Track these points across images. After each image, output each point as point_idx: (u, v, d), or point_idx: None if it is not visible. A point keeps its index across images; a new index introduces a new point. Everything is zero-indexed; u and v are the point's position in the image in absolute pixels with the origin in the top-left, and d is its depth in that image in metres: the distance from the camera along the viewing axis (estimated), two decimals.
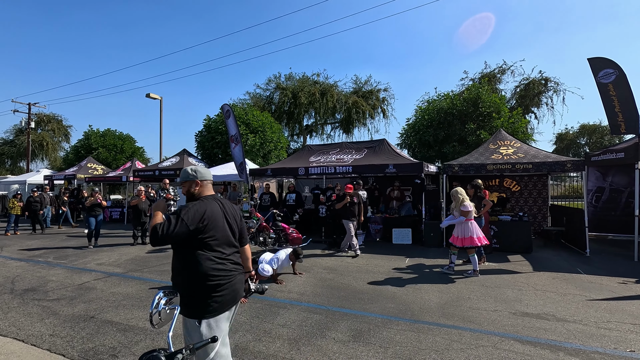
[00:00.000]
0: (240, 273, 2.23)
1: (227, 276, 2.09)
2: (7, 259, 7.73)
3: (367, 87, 26.15)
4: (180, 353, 1.63)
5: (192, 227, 1.96)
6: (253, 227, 7.91)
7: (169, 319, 1.89)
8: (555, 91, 21.02)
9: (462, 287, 5.55)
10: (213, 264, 2.05)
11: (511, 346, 3.48)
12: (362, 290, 5.39)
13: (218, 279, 2.05)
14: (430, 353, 3.33)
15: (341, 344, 3.54)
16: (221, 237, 2.11)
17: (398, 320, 4.18)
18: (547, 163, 8.27)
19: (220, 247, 2.10)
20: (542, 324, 4.05)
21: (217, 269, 2.06)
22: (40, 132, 37.62)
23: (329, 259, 7.69)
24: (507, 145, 9.66)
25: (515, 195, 11.28)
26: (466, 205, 6.24)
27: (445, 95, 14.58)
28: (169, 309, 1.89)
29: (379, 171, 10.09)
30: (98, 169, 17.76)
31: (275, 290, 5.40)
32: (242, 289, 2.23)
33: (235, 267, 2.18)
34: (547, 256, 7.89)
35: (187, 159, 14.76)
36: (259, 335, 3.75)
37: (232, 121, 11.77)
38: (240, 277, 2.22)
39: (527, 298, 4.98)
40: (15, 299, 4.98)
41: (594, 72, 7.93)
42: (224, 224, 2.16)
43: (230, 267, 2.13)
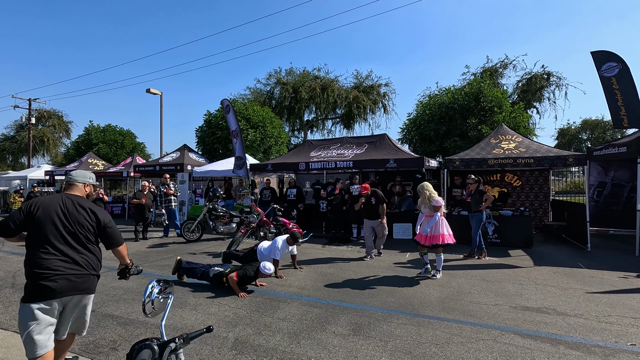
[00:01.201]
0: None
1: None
2: (9, 254, 7.75)
3: (368, 82, 26.01)
4: (173, 342, 1.62)
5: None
6: (254, 222, 7.90)
7: (162, 308, 1.88)
8: (557, 86, 20.88)
9: (463, 281, 5.54)
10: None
11: (511, 340, 3.47)
12: (363, 285, 5.39)
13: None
14: (431, 347, 3.33)
15: (341, 337, 3.54)
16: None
17: (398, 314, 4.18)
18: (549, 157, 8.23)
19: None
20: (542, 317, 4.05)
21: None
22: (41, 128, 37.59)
23: (330, 254, 7.69)
24: (509, 139, 9.61)
25: (516, 190, 11.25)
26: (436, 199, 5.75)
27: (446, 90, 14.49)
28: (162, 298, 1.89)
29: (380, 166, 10.05)
30: (99, 165, 17.75)
31: (275, 284, 5.41)
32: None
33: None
34: (548, 251, 7.87)
35: (187, 154, 14.73)
36: (259, 328, 3.76)
37: (232, 116, 11.72)
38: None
39: (527, 292, 4.97)
40: (16, 293, 4.99)
41: (597, 65, 7.85)
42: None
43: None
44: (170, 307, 1.90)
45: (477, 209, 7.16)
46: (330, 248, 8.39)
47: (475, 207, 7.20)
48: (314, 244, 8.78)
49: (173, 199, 10.07)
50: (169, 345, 1.61)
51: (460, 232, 8.56)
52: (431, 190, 5.87)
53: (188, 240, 9.23)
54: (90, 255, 2.57)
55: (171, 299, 1.93)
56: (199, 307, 4.43)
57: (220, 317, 4.07)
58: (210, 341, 3.46)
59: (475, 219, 7.21)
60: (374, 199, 7.12)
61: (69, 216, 2.51)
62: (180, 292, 5.02)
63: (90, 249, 2.57)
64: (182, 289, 5.15)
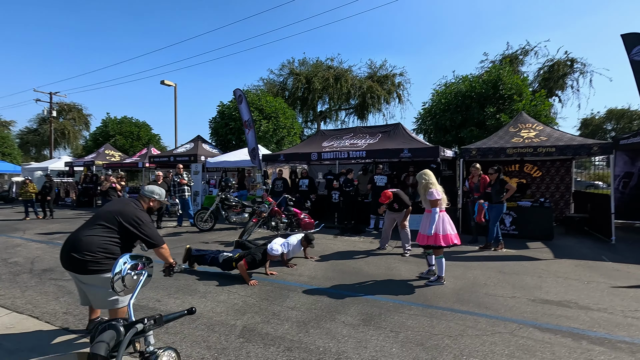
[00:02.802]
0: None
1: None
2: (29, 241, 7.98)
3: (383, 72, 25.55)
4: (141, 323, 1.54)
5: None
6: (265, 212, 7.86)
7: (133, 285, 1.79)
8: (581, 73, 19.95)
9: (478, 273, 5.36)
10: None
11: (530, 333, 3.31)
12: (374, 275, 5.28)
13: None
14: (444, 338, 3.20)
15: (351, 327, 3.45)
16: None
17: (410, 305, 4.06)
18: (572, 146, 7.85)
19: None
20: (563, 311, 3.85)
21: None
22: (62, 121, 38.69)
23: (342, 244, 7.60)
24: (529, 128, 9.22)
25: (536, 181, 10.85)
26: (432, 192, 4.81)
27: (463, 78, 14.01)
28: (135, 274, 1.80)
29: (394, 156, 9.83)
30: (115, 156, 18.10)
31: (285, 273, 5.36)
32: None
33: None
34: (570, 244, 7.57)
35: (201, 145, 14.82)
36: (267, 317, 3.71)
37: (244, 106, 11.67)
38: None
39: (547, 285, 4.76)
40: (33, 278, 5.10)
41: (628, 48, 7.39)
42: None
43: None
44: (142, 285, 1.80)
45: (499, 200, 6.85)
46: (342, 239, 8.29)
47: (496, 197, 6.90)
48: (326, 235, 8.70)
49: (186, 188, 10.15)
50: (134, 327, 1.51)
51: (464, 225, 8.40)
52: (431, 179, 4.95)
53: (201, 229, 9.30)
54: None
55: (144, 276, 1.82)
56: (209, 294, 4.41)
57: (229, 305, 4.05)
58: (218, 328, 3.43)
59: (495, 210, 6.93)
60: (396, 205, 6.52)
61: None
62: (191, 280, 5.03)
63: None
64: (192, 277, 5.16)
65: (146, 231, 3.06)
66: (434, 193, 4.81)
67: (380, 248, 7.06)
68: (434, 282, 4.84)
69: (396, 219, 6.80)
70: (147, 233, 3.07)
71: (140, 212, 3.14)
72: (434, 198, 4.80)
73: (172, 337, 3.24)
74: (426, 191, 4.89)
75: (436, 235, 4.70)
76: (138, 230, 3.02)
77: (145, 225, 3.08)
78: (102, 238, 2.88)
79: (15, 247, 7.34)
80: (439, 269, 4.84)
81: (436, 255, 4.86)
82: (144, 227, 3.06)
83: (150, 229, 3.12)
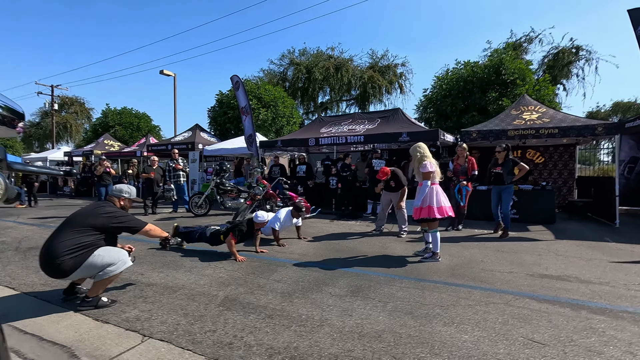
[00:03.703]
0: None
1: None
2: (21, 224, 7.89)
3: (384, 62, 25.19)
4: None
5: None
6: (259, 194, 7.71)
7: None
8: (587, 60, 19.54)
9: (476, 251, 5.18)
10: None
11: (526, 304, 3.13)
12: (368, 253, 5.12)
13: None
14: (434, 308, 3.03)
15: (337, 297, 3.29)
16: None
17: (402, 278, 3.89)
18: (575, 127, 7.61)
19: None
20: (562, 284, 3.67)
21: None
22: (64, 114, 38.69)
23: (338, 228, 7.43)
24: (531, 110, 8.98)
25: (538, 168, 10.61)
26: (425, 164, 4.68)
27: (465, 63, 13.70)
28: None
29: (392, 140, 9.62)
30: (115, 146, 18.01)
31: (276, 251, 5.20)
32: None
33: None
34: (572, 227, 7.35)
35: (199, 134, 14.68)
36: (251, 288, 3.55)
37: (241, 92, 11.50)
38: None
39: (546, 262, 4.57)
40: (17, 254, 4.98)
41: (634, 24, 7.13)
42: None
43: None
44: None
45: (511, 181, 6.38)
46: (338, 223, 8.12)
47: (508, 178, 6.38)
48: (322, 219, 8.54)
49: (182, 174, 10.01)
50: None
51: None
52: (425, 152, 4.79)
53: (196, 214, 9.17)
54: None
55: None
56: (194, 269, 4.27)
57: (214, 278, 3.90)
58: (199, 298, 3.28)
59: (508, 192, 6.43)
60: (393, 182, 6.44)
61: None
62: (178, 257, 4.89)
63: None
64: (179, 254, 5.03)
65: (122, 220, 3.13)
66: (427, 165, 4.68)
67: (376, 230, 6.88)
68: (428, 258, 4.67)
69: (392, 200, 6.63)
70: (124, 221, 3.15)
71: (109, 206, 3.18)
72: (426, 170, 4.66)
73: (149, 306, 3.10)
74: (420, 164, 4.74)
75: (430, 207, 4.53)
76: (113, 222, 3.08)
77: (119, 215, 3.14)
78: (71, 240, 2.88)
79: (6, 229, 7.24)
80: (434, 245, 4.67)
81: (430, 228, 4.69)
82: (118, 217, 3.12)
83: (126, 217, 3.19)
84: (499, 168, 6.50)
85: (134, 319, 2.83)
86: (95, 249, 2.95)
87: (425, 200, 4.60)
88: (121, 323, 2.76)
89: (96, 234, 3.00)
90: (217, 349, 2.36)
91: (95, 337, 2.54)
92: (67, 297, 3.23)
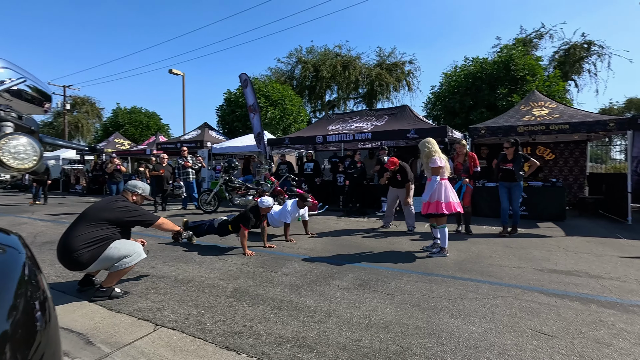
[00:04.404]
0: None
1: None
2: (35, 220, 8.07)
3: (392, 60, 25.05)
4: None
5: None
6: (267, 191, 7.77)
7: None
8: (599, 55, 19.14)
9: (484, 247, 5.16)
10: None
11: (535, 297, 3.12)
12: (375, 248, 5.13)
13: None
14: (442, 301, 3.05)
15: (345, 290, 3.32)
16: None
17: (410, 272, 3.90)
18: (587, 123, 7.50)
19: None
20: (572, 279, 3.64)
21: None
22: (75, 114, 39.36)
23: (345, 224, 7.46)
24: (541, 106, 8.87)
25: (548, 165, 10.48)
26: (435, 159, 4.66)
27: (473, 60, 13.57)
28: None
29: (400, 137, 9.59)
30: (125, 144, 18.28)
31: (284, 246, 5.25)
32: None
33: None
34: (582, 224, 7.26)
35: (207, 132, 14.81)
36: (260, 281, 3.61)
37: (249, 90, 11.58)
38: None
39: (556, 258, 4.54)
40: (33, 249, 5.07)
41: None
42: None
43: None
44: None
45: (522, 177, 6.13)
46: (346, 219, 8.15)
47: (519, 175, 6.07)
48: (330, 216, 8.57)
49: (191, 171, 10.13)
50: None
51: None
52: (433, 147, 4.76)
53: (205, 211, 9.27)
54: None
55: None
56: (204, 263, 4.34)
57: (223, 271, 3.96)
58: (209, 290, 3.34)
59: (519, 189, 6.16)
60: (399, 176, 6.45)
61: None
62: (188, 251, 4.97)
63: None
64: (189, 249, 5.11)
65: (135, 214, 3.23)
66: (437, 160, 4.64)
67: (384, 226, 6.89)
68: (436, 253, 4.66)
69: (399, 196, 6.64)
70: (137, 215, 3.24)
71: (123, 201, 3.28)
72: (436, 165, 4.63)
73: (161, 297, 3.17)
74: (429, 159, 4.72)
75: (438, 202, 4.52)
76: (127, 216, 3.18)
77: (132, 209, 3.24)
78: (88, 234, 2.97)
79: (21, 224, 7.43)
80: (442, 240, 4.66)
81: (438, 224, 4.68)
82: (132, 211, 3.22)
83: (139, 211, 3.29)
84: (510, 165, 6.18)
85: (146, 309, 2.90)
86: (111, 241, 3.04)
87: (434, 196, 4.58)
88: (134, 313, 2.84)
89: (111, 227, 3.09)
90: (227, 337, 2.41)
91: (109, 326, 2.62)
92: (82, 288, 3.32)
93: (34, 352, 0.72)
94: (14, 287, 0.81)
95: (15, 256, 0.95)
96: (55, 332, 0.87)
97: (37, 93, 1.22)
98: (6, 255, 0.94)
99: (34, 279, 0.91)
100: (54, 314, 0.89)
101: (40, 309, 0.84)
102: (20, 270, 0.89)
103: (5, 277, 0.82)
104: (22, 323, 0.74)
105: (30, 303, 0.82)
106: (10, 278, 0.84)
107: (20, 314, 0.76)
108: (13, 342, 0.69)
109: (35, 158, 0.99)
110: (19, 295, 0.80)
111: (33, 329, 0.77)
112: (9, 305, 0.75)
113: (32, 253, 1.04)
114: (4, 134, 0.96)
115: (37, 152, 1.00)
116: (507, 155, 6.30)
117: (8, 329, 0.70)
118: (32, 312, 0.80)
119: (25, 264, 0.93)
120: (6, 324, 0.70)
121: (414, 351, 2.22)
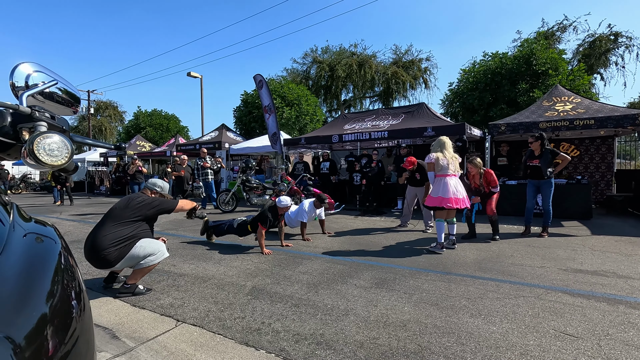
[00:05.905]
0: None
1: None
2: (63, 220, 8.42)
3: (408, 57, 24.78)
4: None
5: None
6: (284, 190, 7.83)
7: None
8: (627, 47, 18.31)
9: (505, 246, 5.04)
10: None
11: (558, 297, 3.03)
12: (392, 247, 5.10)
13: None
14: (461, 300, 3.00)
15: (362, 289, 3.32)
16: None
17: (428, 272, 3.86)
18: (614, 117, 7.21)
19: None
20: (598, 279, 3.51)
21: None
22: (99, 118, 40.81)
23: (362, 223, 7.43)
24: (565, 101, 8.58)
25: (573, 161, 10.11)
26: (430, 156, 4.85)
27: (493, 55, 13.24)
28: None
29: (417, 135, 9.47)
30: (146, 146, 18.81)
31: (301, 245, 5.29)
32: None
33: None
34: (610, 222, 6.98)
35: (225, 133, 15.07)
36: (278, 279, 3.65)
37: (265, 91, 11.70)
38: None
39: (581, 257, 4.38)
40: None
41: None
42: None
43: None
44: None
45: (552, 173, 5.68)
46: (362, 218, 8.12)
47: (547, 172, 5.63)
48: (346, 215, 8.56)
49: (210, 172, 10.31)
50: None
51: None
52: (437, 145, 4.90)
53: (223, 211, 9.43)
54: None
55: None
56: (223, 261, 4.42)
57: (242, 270, 4.03)
58: (228, 288, 3.41)
59: (549, 186, 5.72)
60: (418, 175, 6.35)
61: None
62: (208, 250, 5.08)
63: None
64: (209, 247, 5.22)
65: (156, 204, 3.34)
66: (431, 157, 4.88)
67: (402, 225, 6.82)
68: (433, 248, 4.73)
69: (418, 195, 6.57)
70: (158, 204, 3.35)
71: (141, 197, 3.37)
72: (429, 161, 4.90)
73: (182, 294, 3.26)
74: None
75: (440, 197, 4.70)
76: (149, 209, 3.28)
77: (152, 201, 3.34)
78: (115, 233, 3.08)
79: None
80: (438, 235, 4.75)
81: (436, 217, 4.86)
82: (152, 203, 3.33)
83: (159, 200, 3.39)
84: (536, 161, 5.74)
85: (168, 306, 2.98)
86: (137, 240, 3.15)
87: (436, 191, 4.79)
88: (156, 309, 2.93)
89: (137, 223, 3.20)
90: (246, 334, 2.46)
91: (133, 321, 2.71)
92: (107, 285, 3.45)
93: (69, 336, 0.77)
94: (50, 274, 0.87)
95: (52, 245, 1.02)
96: (89, 321, 0.92)
97: (67, 95, 1.30)
98: (44, 244, 1.01)
99: (70, 268, 0.97)
100: (88, 304, 0.94)
101: (76, 298, 0.89)
102: (56, 259, 0.95)
103: (43, 264, 0.89)
104: (59, 308, 0.79)
105: (67, 290, 0.88)
106: (48, 265, 0.90)
107: (57, 299, 0.81)
108: (52, 324, 0.74)
109: (67, 155, 1.06)
110: (55, 282, 0.85)
111: (69, 314, 0.82)
112: (47, 290, 0.80)
113: (67, 244, 1.10)
114: (39, 132, 1.03)
115: (69, 150, 1.06)
116: (533, 151, 5.87)
117: (47, 312, 0.75)
118: (68, 299, 0.85)
119: (61, 253, 0.99)
120: (45, 307, 0.75)
121: (433, 350, 2.20)
